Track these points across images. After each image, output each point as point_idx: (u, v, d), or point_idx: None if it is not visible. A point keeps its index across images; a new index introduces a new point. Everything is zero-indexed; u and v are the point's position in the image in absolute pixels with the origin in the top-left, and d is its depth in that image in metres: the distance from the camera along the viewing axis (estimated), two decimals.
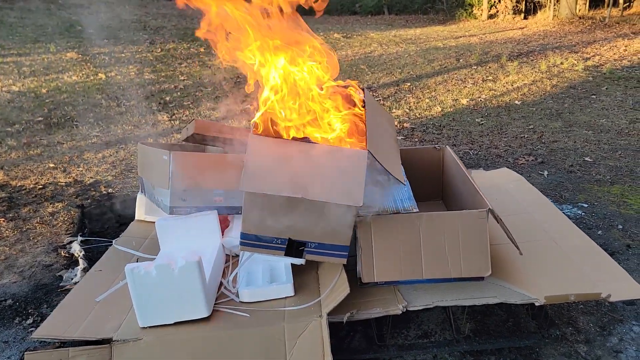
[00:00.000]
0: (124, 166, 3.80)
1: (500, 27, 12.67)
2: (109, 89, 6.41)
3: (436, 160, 2.61)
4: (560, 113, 5.08)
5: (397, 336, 1.92)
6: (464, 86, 6.39)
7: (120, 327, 1.70)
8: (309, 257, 1.85)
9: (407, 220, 1.85)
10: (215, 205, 2.15)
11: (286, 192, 1.68)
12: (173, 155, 2.07)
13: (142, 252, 2.24)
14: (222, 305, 1.82)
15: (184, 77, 7.13)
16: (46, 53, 8.60)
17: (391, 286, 1.86)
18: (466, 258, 1.81)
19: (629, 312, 2.02)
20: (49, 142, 4.40)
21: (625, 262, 2.36)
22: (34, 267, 2.43)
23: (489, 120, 4.93)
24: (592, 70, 6.92)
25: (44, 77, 6.97)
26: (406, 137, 4.48)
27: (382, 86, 6.59)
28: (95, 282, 2.02)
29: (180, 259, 1.66)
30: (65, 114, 5.30)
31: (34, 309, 2.15)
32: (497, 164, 3.70)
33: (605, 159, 3.76)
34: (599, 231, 2.66)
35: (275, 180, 1.70)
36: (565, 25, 11.54)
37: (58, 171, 3.70)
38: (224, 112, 5.39)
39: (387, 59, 8.49)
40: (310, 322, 1.66)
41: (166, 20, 10.42)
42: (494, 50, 8.81)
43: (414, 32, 12.25)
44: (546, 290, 1.75)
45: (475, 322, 1.97)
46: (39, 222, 2.87)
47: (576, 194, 3.14)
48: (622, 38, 9.29)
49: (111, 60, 8.33)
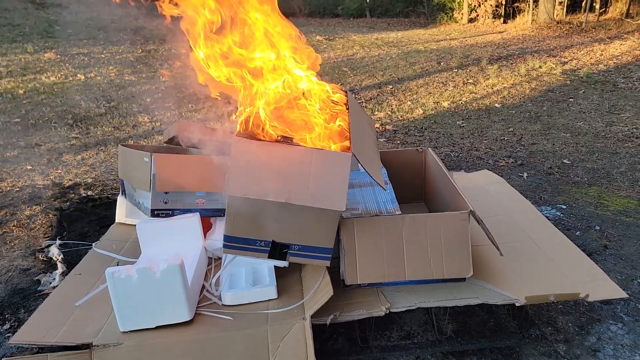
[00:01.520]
0: (103, 168, 3.75)
1: (480, 31, 12.83)
2: (89, 90, 6.33)
3: (418, 163, 2.62)
4: (539, 116, 5.16)
5: (380, 338, 1.92)
6: (445, 89, 6.46)
7: (101, 332, 1.67)
8: (293, 259, 1.85)
9: (390, 222, 1.85)
10: (197, 207, 2.14)
11: (270, 196, 1.67)
12: (154, 157, 2.05)
13: (122, 256, 2.21)
14: (204, 309, 1.80)
15: (165, 79, 7.07)
16: (23, 53, 8.44)
17: (374, 288, 1.87)
18: (448, 259, 1.83)
19: (606, 312, 2.06)
20: (27, 144, 4.32)
21: (603, 262, 2.40)
22: (10, 271, 2.38)
23: (469, 123, 4.98)
24: (570, 74, 7.06)
25: (21, 77, 6.85)
26: (388, 139, 4.51)
27: (364, 88, 6.62)
28: (75, 286, 1.98)
29: (161, 262, 1.64)
30: (43, 115, 5.21)
31: (11, 314, 2.10)
32: (478, 166, 3.75)
33: (583, 161, 3.83)
34: (577, 232, 2.71)
35: (259, 183, 1.69)
36: (544, 29, 11.75)
37: (36, 173, 3.63)
38: (206, 113, 5.36)
39: (369, 62, 8.54)
40: (294, 325, 1.65)
41: (147, 21, 10.30)
42: (475, 54, 8.92)
43: (395, 35, 12.34)
44: (526, 290, 1.78)
45: (457, 322, 1.98)
46: (16, 225, 2.81)
47: (555, 196, 3.20)
48: (599, 43, 9.49)
49: (90, 60, 8.22)
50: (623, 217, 2.87)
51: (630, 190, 3.25)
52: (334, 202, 1.69)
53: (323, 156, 1.73)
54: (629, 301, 2.11)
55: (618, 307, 2.08)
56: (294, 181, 1.70)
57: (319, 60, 2.02)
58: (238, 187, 1.69)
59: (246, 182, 1.69)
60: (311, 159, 1.72)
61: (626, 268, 2.36)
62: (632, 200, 3.10)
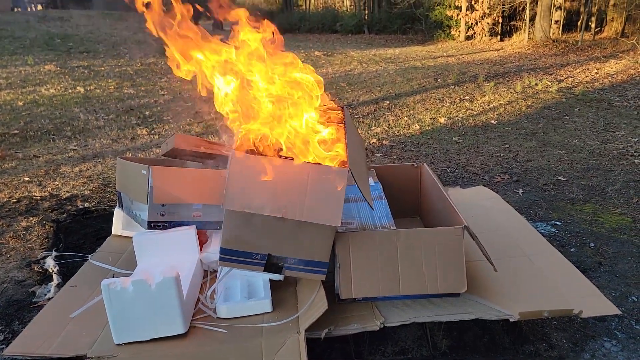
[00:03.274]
0: (101, 180, 3.76)
1: (477, 48, 12.98)
2: (88, 103, 6.36)
3: (414, 178, 2.64)
4: (534, 133, 5.20)
5: (374, 352, 1.92)
6: (441, 105, 6.51)
7: (95, 344, 1.68)
8: (289, 273, 1.85)
9: (385, 236, 1.87)
10: (194, 220, 2.15)
11: (267, 211, 1.70)
12: (152, 170, 2.06)
13: (118, 268, 2.21)
14: (199, 322, 1.81)
15: (164, 92, 7.12)
16: (24, 65, 8.50)
17: (369, 302, 1.87)
18: (443, 274, 1.84)
19: (600, 329, 2.06)
20: (25, 156, 4.33)
21: (597, 279, 2.41)
22: (6, 282, 2.38)
23: (466, 139, 5.02)
24: (566, 92, 7.13)
25: (21, 89, 6.89)
26: (385, 154, 4.53)
27: (361, 104, 6.67)
28: (70, 297, 1.98)
29: (157, 275, 1.65)
30: (42, 127, 5.23)
31: (5, 326, 2.09)
32: (474, 182, 3.77)
33: (578, 178, 3.86)
34: (571, 249, 2.72)
35: (257, 198, 1.71)
36: (540, 47, 11.89)
37: (33, 185, 3.63)
38: (204, 127, 5.38)
39: (366, 77, 8.61)
40: (288, 338, 1.66)
41: (147, 35, 10.39)
42: (471, 71, 9.01)
43: (393, 52, 12.47)
44: (520, 306, 1.78)
45: (452, 338, 1.98)
46: (12, 236, 2.81)
47: (550, 212, 3.21)
48: (594, 61, 9.60)
49: (90, 73, 8.27)
50: (617, 234, 2.88)
51: (624, 208, 3.27)
52: (330, 218, 1.71)
53: (320, 171, 1.75)
54: (623, 318, 2.12)
55: (612, 324, 2.09)
56: (291, 196, 1.72)
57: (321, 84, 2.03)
58: (237, 202, 1.71)
59: (244, 196, 1.71)
60: (308, 174, 1.74)
61: (620, 285, 2.37)
62: (627, 217, 3.12)
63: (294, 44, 13.36)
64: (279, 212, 1.70)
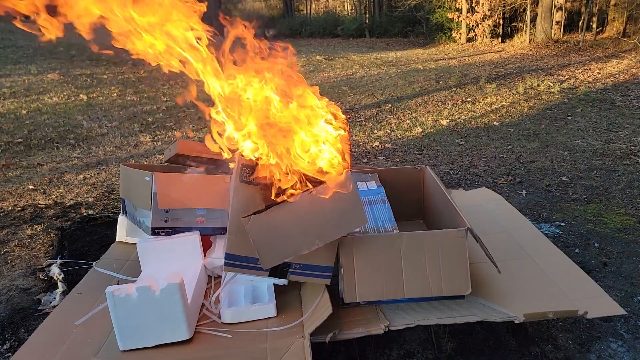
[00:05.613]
0: (105, 187, 3.77)
1: (478, 50, 12.98)
2: (91, 110, 6.39)
3: (417, 180, 2.64)
4: (537, 134, 5.20)
5: (380, 356, 1.92)
6: (443, 107, 6.51)
7: (100, 351, 1.68)
8: (293, 277, 1.86)
9: (388, 240, 1.87)
10: (198, 226, 2.15)
11: (305, 249, 1.73)
12: (156, 176, 2.07)
13: (123, 274, 2.22)
14: (204, 327, 1.81)
15: (166, 99, 7.14)
16: (27, 74, 8.55)
17: (373, 306, 1.87)
18: (446, 277, 1.84)
19: (606, 329, 2.05)
20: (29, 164, 4.35)
21: (602, 279, 2.41)
22: (11, 290, 2.39)
23: (468, 141, 5.02)
24: (568, 92, 7.12)
25: (24, 98, 6.92)
26: (387, 157, 4.54)
27: (363, 107, 6.68)
28: (75, 305, 1.99)
29: (161, 281, 1.65)
30: (46, 135, 5.25)
31: (11, 334, 2.10)
32: (477, 184, 3.77)
33: (582, 178, 3.85)
34: (576, 249, 2.71)
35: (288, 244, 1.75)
36: (541, 48, 11.88)
37: (37, 193, 3.65)
38: (207, 133, 5.39)
39: (368, 81, 8.63)
40: (293, 343, 1.65)
41: None
42: (473, 73, 9.01)
43: (394, 55, 12.49)
44: (525, 307, 1.78)
45: (457, 340, 1.98)
46: (17, 244, 2.82)
47: (554, 213, 3.21)
48: (596, 61, 9.59)
49: (93, 81, 8.31)
50: (622, 235, 2.87)
51: (629, 208, 3.26)
52: (358, 221, 1.78)
53: (325, 189, 1.79)
54: (628, 318, 2.11)
55: (618, 325, 2.08)
56: (317, 222, 1.75)
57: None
58: (273, 257, 1.74)
59: (276, 248, 1.74)
60: (317, 200, 1.78)
61: (625, 285, 2.37)
62: (631, 217, 3.11)
63: (296, 48, 13.34)
64: (314, 245, 1.72)
